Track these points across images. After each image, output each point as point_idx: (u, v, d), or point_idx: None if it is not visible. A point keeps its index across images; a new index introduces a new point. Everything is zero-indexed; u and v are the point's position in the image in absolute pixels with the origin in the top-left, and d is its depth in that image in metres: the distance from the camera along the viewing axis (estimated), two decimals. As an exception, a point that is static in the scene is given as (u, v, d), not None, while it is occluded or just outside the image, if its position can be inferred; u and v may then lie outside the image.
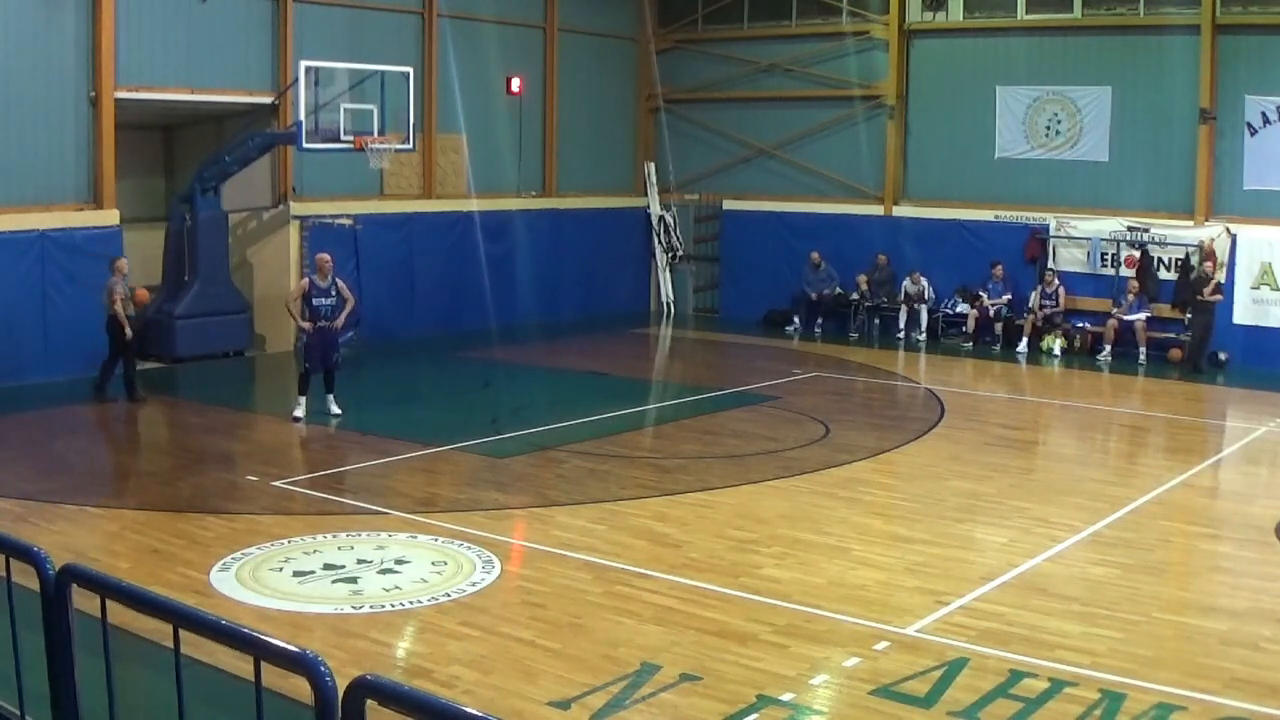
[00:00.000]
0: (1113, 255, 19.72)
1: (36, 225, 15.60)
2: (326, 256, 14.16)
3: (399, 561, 8.94)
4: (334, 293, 13.81)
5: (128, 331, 14.52)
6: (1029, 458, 13.30)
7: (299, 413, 13.94)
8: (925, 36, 21.63)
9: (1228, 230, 18.63)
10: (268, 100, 18.30)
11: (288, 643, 3.20)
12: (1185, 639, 7.67)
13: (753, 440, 13.37)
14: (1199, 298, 17.60)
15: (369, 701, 2.94)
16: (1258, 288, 18.00)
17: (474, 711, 2.82)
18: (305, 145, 16.82)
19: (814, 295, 21.70)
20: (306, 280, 14.10)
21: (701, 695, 6.65)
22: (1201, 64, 18.65)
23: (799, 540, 9.65)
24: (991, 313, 20.18)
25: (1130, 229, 19.48)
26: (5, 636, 4.34)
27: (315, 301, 13.78)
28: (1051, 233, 20.18)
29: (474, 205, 21.02)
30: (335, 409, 14.05)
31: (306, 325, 13.90)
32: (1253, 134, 18.49)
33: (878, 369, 18.59)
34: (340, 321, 13.90)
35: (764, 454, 12.68)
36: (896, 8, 21.50)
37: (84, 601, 3.82)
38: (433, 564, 8.91)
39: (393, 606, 8.02)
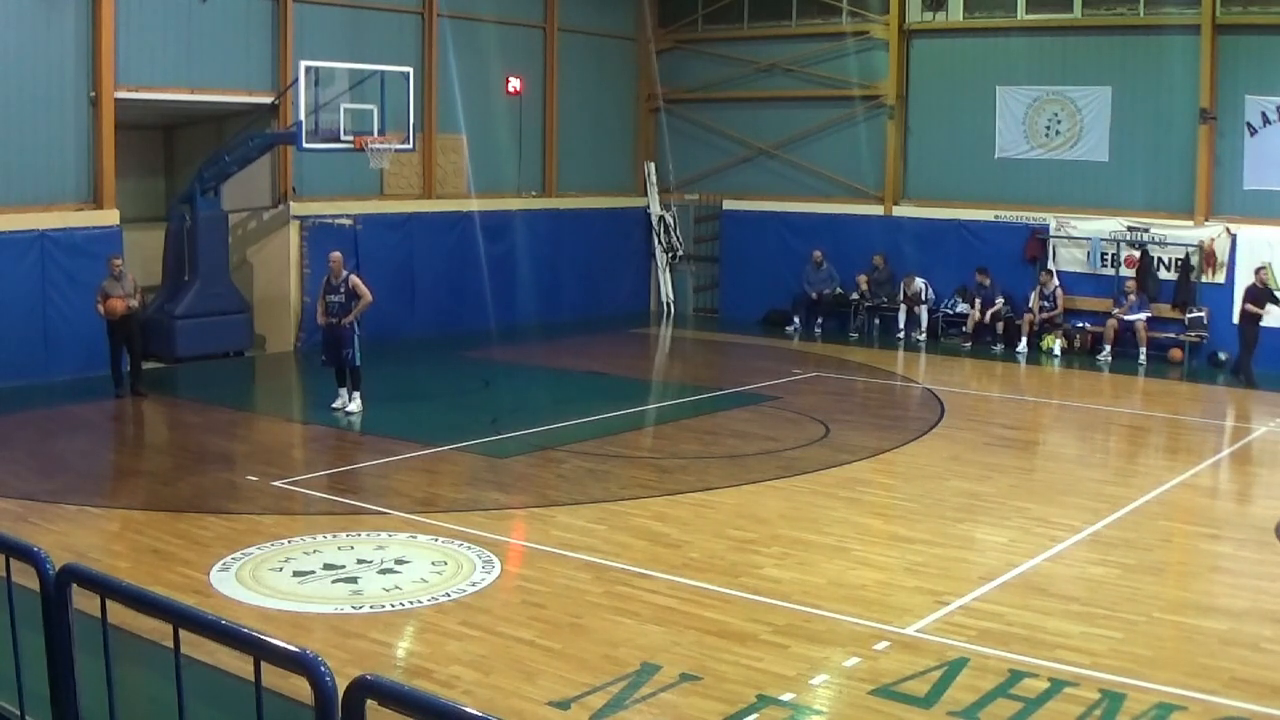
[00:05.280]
0: (1113, 255, 19.71)
1: (36, 225, 15.61)
2: (339, 255, 14.60)
3: (399, 561, 8.94)
4: (343, 290, 14.13)
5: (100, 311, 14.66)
6: (1029, 458, 13.30)
7: (335, 403, 14.40)
8: (925, 36, 21.63)
9: (1228, 230, 18.63)
10: (268, 100, 18.30)
11: (288, 643, 3.20)
12: (1185, 639, 7.67)
13: (753, 440, 13.37)
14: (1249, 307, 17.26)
15: (369, 701, 2.93)
16: (1258, 287, 17.93)
17: (474, 711, 2.82)
18: (305, 145, 16.83)
19: (814, 295, 21.70)
20: (325, 278, 14.44)
21: (701, 695, 6.65)
22: (1201, 64, 18.65)
23: (799, 540, 9.65)
24: (990, 316, 20.14)
25: (1130, 229, 19.48)
26: (5, 636, 4.34)
27: (327, 299, 14.25)
28: (1051, 233, 20.18)
29: (474, 205, 21.02)
30: (351, 406, 14.24)
31: (320, 321, 14.37)
32: (1253, 134, 18.49)
33: (878, 369, 18.58)
34: (349, 319, 14.05)
35: (764, 454, 12.67)
36: (896, 8, 21.50)
37: (84, 601, 3.81)
38: (433, 564, 8.91)
39: (393, 606, 8.02)
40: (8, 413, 13.94)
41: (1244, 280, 17.94)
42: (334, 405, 14.36)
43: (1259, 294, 17.07)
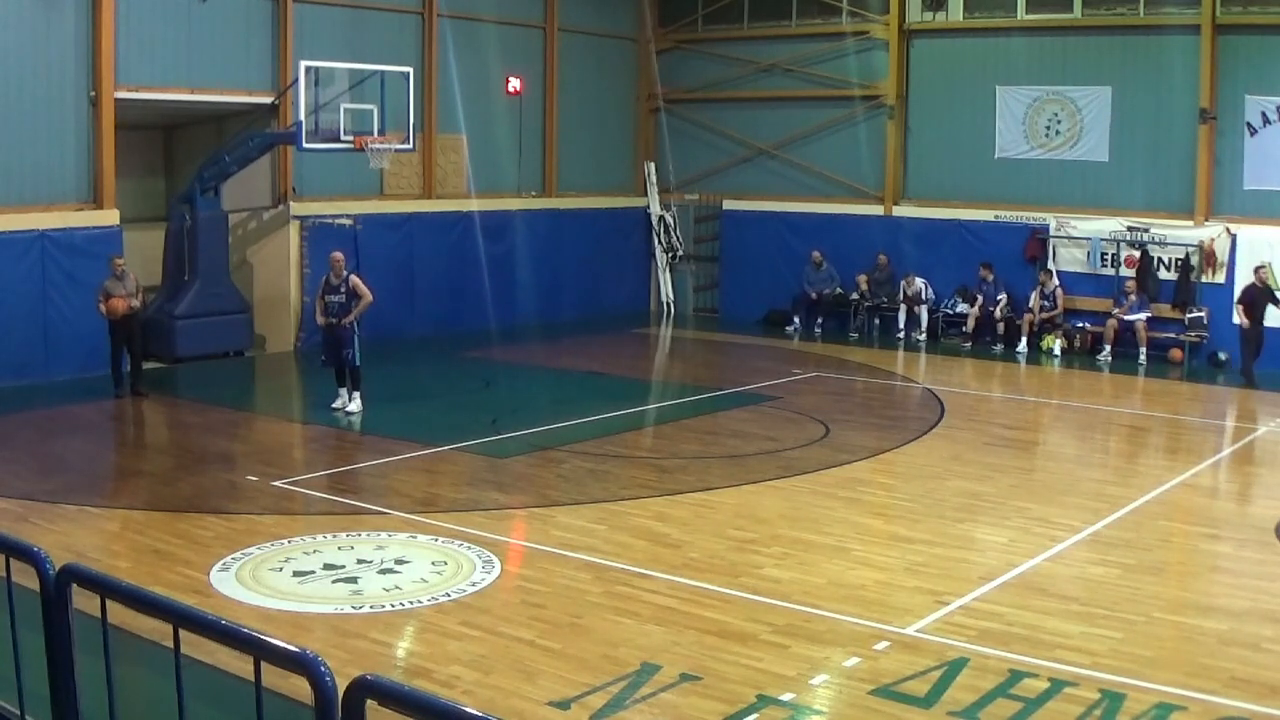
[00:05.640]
0: (1113, 255, 19.71)
1: (36, 225, 15.61)
2: (339, 255, 14.58)
3: (399, 561, 8.94)
4: (343, 290, 14.11)
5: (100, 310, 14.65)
6: (1029, 458, 13.30)
7: (335, 403, 14.40)
8: (925, 36, 21.63)
9: (1228, 230, 18.63)
10: (268, 100, 18.30)
11: (288, 643, 3.21)
12: (1185, 639, 7.67)
13: (753, 440, 13.37)
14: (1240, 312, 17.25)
15: (369, 701, 2.93)
16: (1258, 287, 17.92)
17: (474, 711, 2.82)
18: (305, 145, 16.83)
19: (814, 295, 21.70)
20: (324, 278, 14.43)
21: (701, 695, 6.65)
22: (1201, 64, 18.64)
23: (799, 540, 9.65)
24: (995, 312, 20.13)
25: (1130, 229, 19.48)
26: (5, 636, 4.34)
27: (326, 299, 14.23)
28: (1051, 233, 20.18)
29: (474, 205, 21.03)
30: (351, 406, 14.24)
31: (320, 321, 14.35)
32: (1253, 134, 18.49)
33: (878, 369, 18.58)
34: (349, 319, 14.04)
35: (764, 454, 12.67)
36: (896, 8, 21.50)
37: (84, 601, 3.81)
38: (433, 564, 8.91)
39: (393, 606, 8.02)
40: (8, 413, 13.93)
41: (1244, 281, 17.87)
42: (334, 405, 14.37)
43: (1257, 294, 17.03)
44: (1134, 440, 14.44)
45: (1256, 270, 17.34)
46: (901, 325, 20.99)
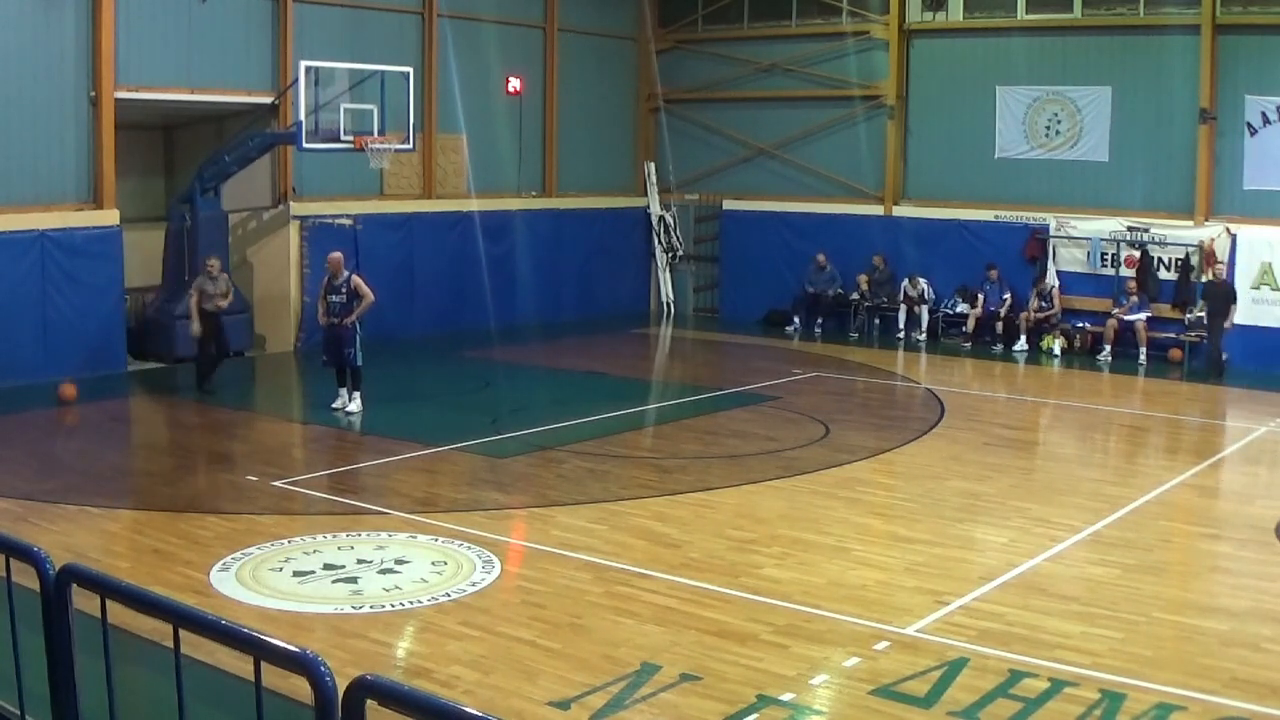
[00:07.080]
0: (1113, 255, 19.71)
1: (36, 225, 15.60)
2: (339, 255, 14.57)
3: (399, 561, 8.94)
4: (344, 290, 14.10)
5: (194, 326, 14.89)
6: (1029, 458, 13.30)
7: (335, 403, 14.39)
8: (925, 36, 21.63)
9: (1228, 230, 18.63)
10: (268, 100, 18.30)
11: (288, 643, 3.20)
12: (1185, 639, 7.67)
13: (753, 440, 13.37)
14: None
15: (369, 701, 2.93)
16: (1258, 288, 17.97)
17: (474, 711, 2.81)
18: (305, 145, 16.82)
19: (815, 292, 21.70)
20: (325, 278, 14.40)
21: (701, 695, 6.65)
22: (1201, 64, 18.65)
23: (799, 540, 9.65)
24: (999, 312, 20.13)
25: (1130, 229, 19.48)
26: (5, 636, 4.34)
27: (328, 299, 14.25)
28: (1051, 233, 20.18)
29: (474, 205, 21.03)
30: (351, 406, 14.23)
31: (322, 321, 14.37)
32: (1253, 134, 18.48)
33: (878, 369, 18.58)
34: (350, 319, 14.02)
35: (764, 454, 12.67)
36: (896, 8, 21.50)
37: (84, 601, 3.81)
38: (433, 564, 8.91)
39: (393, 606, 8.02)
40: (8, 413, 13.93)
41: (1244, 281, 18.06)
42: (334, 405, 14.37)
43: (1212, 289, 17.17)
44: (1134, 440, 14.44)
45: (1215, 266, 17.56)
46: (901, 325, 20.99)
